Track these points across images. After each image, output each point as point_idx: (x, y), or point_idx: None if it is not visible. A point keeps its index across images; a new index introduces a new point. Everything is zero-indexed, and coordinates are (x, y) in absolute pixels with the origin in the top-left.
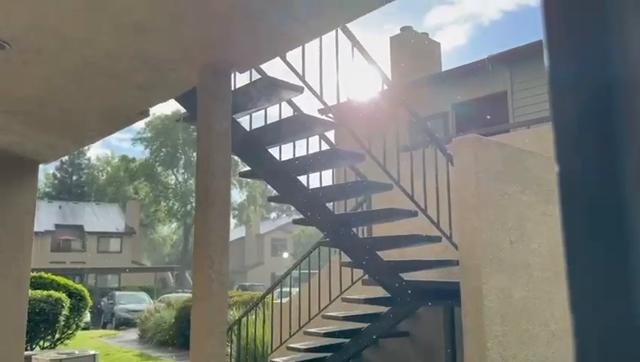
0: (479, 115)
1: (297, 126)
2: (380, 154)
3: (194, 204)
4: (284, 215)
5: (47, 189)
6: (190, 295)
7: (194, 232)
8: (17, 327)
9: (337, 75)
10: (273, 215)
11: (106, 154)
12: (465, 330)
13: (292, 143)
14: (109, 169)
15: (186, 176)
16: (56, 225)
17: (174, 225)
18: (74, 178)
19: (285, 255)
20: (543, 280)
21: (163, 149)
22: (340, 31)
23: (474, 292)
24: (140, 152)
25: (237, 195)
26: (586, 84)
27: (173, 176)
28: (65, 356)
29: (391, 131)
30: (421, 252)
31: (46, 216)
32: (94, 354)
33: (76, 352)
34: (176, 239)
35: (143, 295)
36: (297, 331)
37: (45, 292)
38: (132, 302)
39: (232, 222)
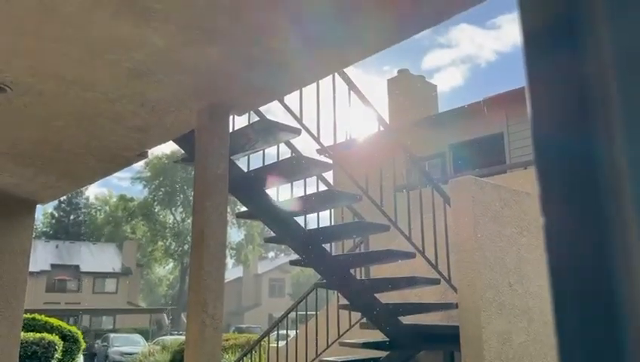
0: (476, 156)
1: (295, 167)
2: (376, 194)
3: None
4: (283, 254)
5: (45, 229)
6: (184, 337)
7: (189, 276)
8: None
9: (334, 116)
10: (271, 254)
11: (104, 193)
12: None
13: (289, 184)
14: (107, 208)
15: (183, 216)
16: (52, 265)
17: (171, 265)
18: (71, 217)
19: (285, 297)
20: (543, 324)
21: (162, 189)
22: (337, 75)
23: (473, 336)
24: (138, 191)
25: (235, 234)
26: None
27: (171, 216)
28: None
29: (388, 171)
30: (422, 294)
31: (42, 256)
32: None
33: None
34: (172, 279)
35: (138, 337)
36: None
37: (38, 335)
38: (126, 344)
39: (230, 261)
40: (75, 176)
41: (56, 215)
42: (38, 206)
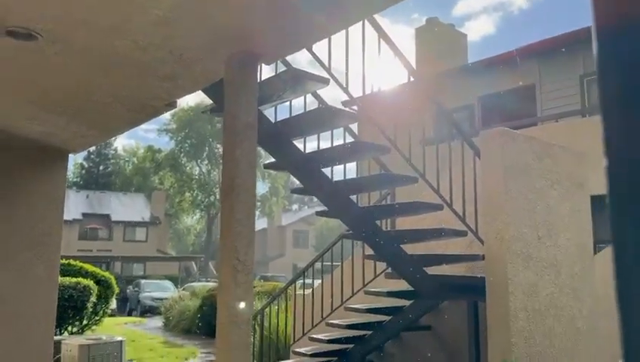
0: (506, 108)
1: (322, 118)
2: (404, 146)
3: (217, 196)
4: (306, 207)
5: (75, 179)
6: (214, 284)
7: (220, 223)
8: (48, 312)
9: (363, 66)
10: (295, 207)
11: (131, 145)
12: (489, 326)
13: (317, 136)
14: (135, 159)
15: (209, 168)
16: (84, 214)
17: (198, 215)
18: (100, 168)
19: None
20: (570, 277)
21: (187, 141)
22: (366, 22)
23: (499, 287)
24: (165, 143)
25: (260, 187)
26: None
27: (197, 168)
28: (92, 341)
29: (416, 124)
30: (445, 246)
31: (74, 205)
32: (121, 341)
33: (104, 338)
34: (199, 229)
35: (168, 283)
36: (320, 322)
37: (74, 280)
38: (157, 290)
39: (255, 213)
40: (105, 125)
41: (86, 165)
42: (70, 156)
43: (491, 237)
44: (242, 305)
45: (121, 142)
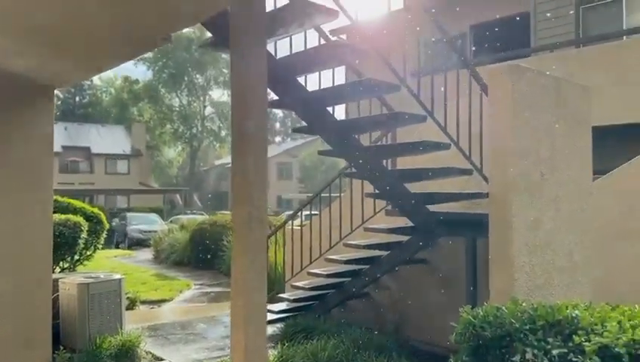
0: (499, 37)
1: (330, 53)
2: (410, 83)
3: (199, 128)
4: (289, 139)
5: None
6: (202, 216)
7: (231, 168)
8: (45, 251)
9: None
10: (278, 139)
11: (108, 75)
12: (492, 261)
13: (318, 73)
14: (112, 90)
15: (190, 99)
16: (63, 147)
17: (180, 147)
18: (77, 99)
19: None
20: (570, 213)
21: (165, 70)
22: None
23: (503, 224)
24: (142, 73)
25: None
26: None
27: (177, 99)
28: (92, 280)
29: (412, 55)
30: (441, 184)
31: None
32: (120, 279)
33: (102, 276)
34: (182, 161)
35: (154, 216)
36: (318, 258)
37: (64, 216)
38: (144, 223)
39: (267, 158)
40: (97, 59)
41: (62, 96)
42: None
43: (496, 175)
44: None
45: None
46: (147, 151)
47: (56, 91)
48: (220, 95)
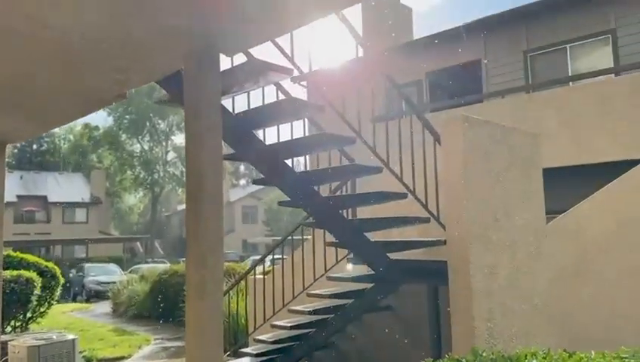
0: (454, 84)
1: (287, 110)
2: (366, 130)
3: (161, 173)
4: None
5: (7, 159)
6: (163, 265)
7: (186, 229)
8: None
9: (313, 39)
10: (242, 182)
11: None
12: (453, 310)
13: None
14: (71, 137)
15: (151, 144)
16: (19, 196)
17: (141, 193)
18: (35, 146)
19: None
20: (526, 256)
21: (127, 116)
22: None
23: (462, 271)
24: (102, 119)
25: None
26: None
27: (139, 144)
28: (43, 342)
29: (369, 102)
30: (401, 231)
31: (7, 187)
32: (74, 339)
33: (54, 337)
34: (143, 208)
35: (114, 266)
36: (281, 309)
37: (16, 273)
38: (102, 273)
39: (223, 216)
40: (49, 117)
41: (18, 145)
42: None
43: (453, 222)
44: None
45: None
46: (107, 199)
47: None
48: (183, 140)
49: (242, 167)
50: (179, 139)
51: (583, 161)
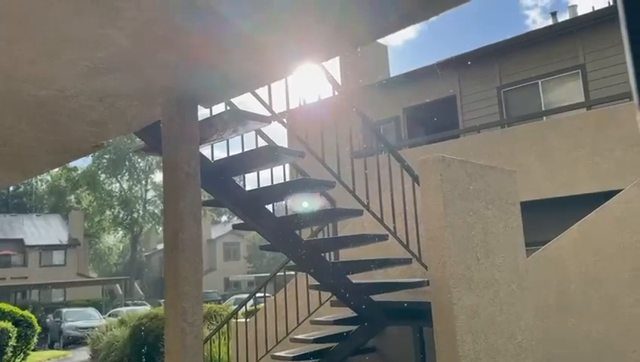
0: (430, 119)
1: (268, 156)
2: (335, 164)
3: (141, 212)
4: (236, 218)
5: None
6: (143, 309)
7: (164, 281)
8: None
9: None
10: (224, 218)
11: None
12: (438, 351)
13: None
14: (48, 178)
15: (130, 183)
16: None
17: (120, 233)
18: (11, 189)
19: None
20: (508, 294)
21: (105, 156)
22: None
23: (446, 313)
24: (81, 160)
25: None
26: None
27: (118, 184)
28: None
29: (348, 142)
30: (386, 271)
31: None
32: None
33: None
34: (123, 248)
35: (92, 311)
36: (265, 355)
37: None
38: (81, 318)
39: (202, 268)
40: (25, 168)
41: None
42: None
43: (434, 263)
44: None
45: None
46: (85, 240)
47: None
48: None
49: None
50: (158, 177)
51: (560, 193)
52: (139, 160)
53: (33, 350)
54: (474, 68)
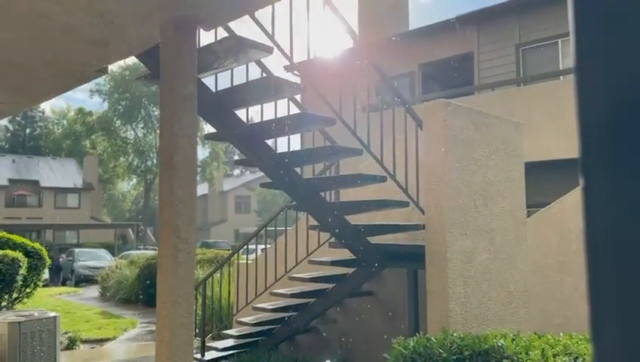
0: (445, 76)
1: (266, 88)
2: (348, 116)
3: (155, 161)
4: (248, 172)
5: (0, 143)
6: (153, 252)
7: (159, 201)
8: None
9: (308, 29)
10: (237, 172)
11: (61, 106)
12: (429, 292)
13: (260, 105)
14: (64, 122)
15: (145, 132)
16: (10, 180)
17: (134, 181)
18: (27, 131)
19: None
20: (504, 244)
21: (122, 103)
22: None
23: (438, 255)
24: (97, 105)
25: (200, 152)
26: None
27: (133, 131)
28: (23, 318)
29: (359, 91)
30: (386, 215)
31: None
32: (55, 316)
33: (35, 314)
34: (136, 195)
35: (104, 252)
36: (263, 292)
37: (1, 252)
38: (92, 259)
39: (196, 190)
40: (30, 91)
41: (11, 128)
42: None
43: (431, 207)
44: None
45: (50, 104)
46: (99, 185)
47: (5, 123)
48: None
49: (237, 157)
50: None
51: (569, 155)
52: (154, 108)
53: (45, 285)
54: (494, 24)
